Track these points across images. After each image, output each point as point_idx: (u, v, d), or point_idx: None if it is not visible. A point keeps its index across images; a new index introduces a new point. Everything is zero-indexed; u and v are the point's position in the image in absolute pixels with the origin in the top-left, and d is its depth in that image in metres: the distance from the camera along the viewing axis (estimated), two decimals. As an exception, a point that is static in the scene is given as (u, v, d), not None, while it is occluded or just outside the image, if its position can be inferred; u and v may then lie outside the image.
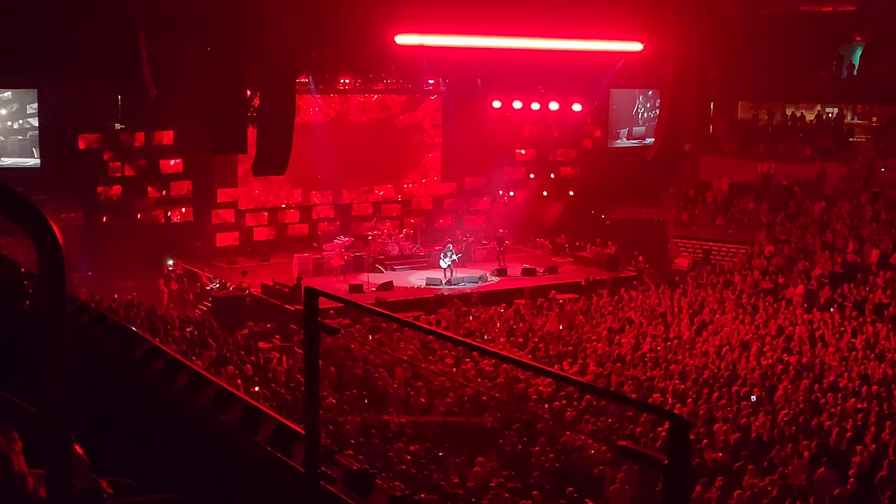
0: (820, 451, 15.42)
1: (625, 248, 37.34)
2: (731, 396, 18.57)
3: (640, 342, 23.47)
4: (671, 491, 2.63)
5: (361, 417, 17.06)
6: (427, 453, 15.16)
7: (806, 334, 24.17)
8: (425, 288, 31.66)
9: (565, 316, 27.01)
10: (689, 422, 2.71)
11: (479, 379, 19.53)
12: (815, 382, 19.46)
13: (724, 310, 27.13)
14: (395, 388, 19.19)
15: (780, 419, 16.93)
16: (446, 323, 26.28)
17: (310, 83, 36.76)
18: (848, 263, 29.94)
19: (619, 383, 19.30)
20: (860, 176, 34.36)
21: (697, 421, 16.73)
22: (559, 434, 15.90)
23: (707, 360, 21.56)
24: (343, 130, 38.69)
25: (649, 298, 29.28)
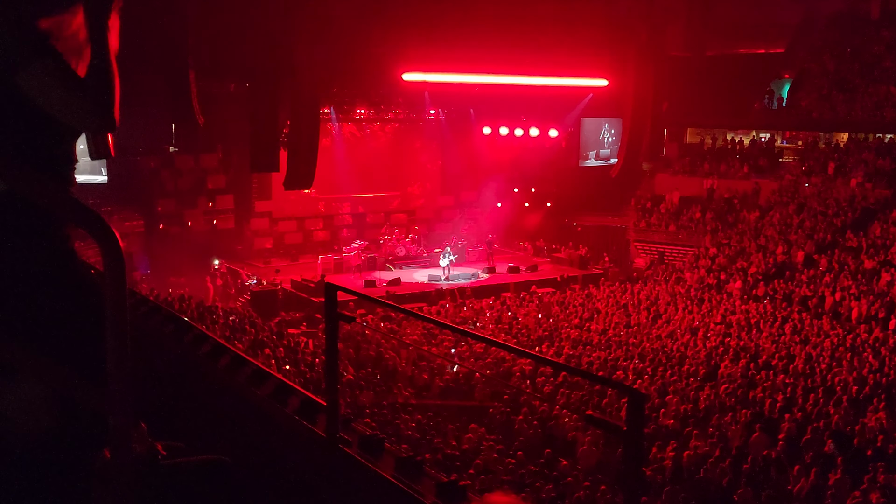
0: (755, 418, 15.44)
1: (593, 250, 37.37)
2: (681, 374, 18.58)
3: (606, 329, 23.47)
4: (629, 452, 2.65)
5: (374, 391, 17.05)
6: (429, 421, 15.15)
7: (743, 322, 24.18)
8: (428, 283, 31.65)
9: (544, 307, 27.01)
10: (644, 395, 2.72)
11: (472, 359, 19.53)
12: (751, 362, 19.47)
13: (675, 302, 27.13)
14: (403, 366, 19.19)
15: (722, 392, 16.93)
16: (445, 312, 26.29)
17: (332, 113, 36.87)
18: (778, 263, 29.94)
19: (588, 363, 19.30)
20: (788, 190, 34.37)
21: (653, 394, 16.74)
22: (538, 405, 15.90)
23: (661, 344, 21.56)
24: (359, 152, 38.73)
25: (614, 292, 29.27)
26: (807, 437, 14.31)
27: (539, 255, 37.57)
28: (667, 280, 30.86)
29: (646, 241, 36.62)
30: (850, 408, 15.94)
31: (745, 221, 33.79)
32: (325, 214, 37.72)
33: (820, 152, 36.18)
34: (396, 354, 20.03)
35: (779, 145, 39.46)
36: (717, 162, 38.12)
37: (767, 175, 36.21)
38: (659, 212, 36.97)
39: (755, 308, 26.16)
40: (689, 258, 33.00)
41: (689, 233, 35.35)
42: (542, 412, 15.62)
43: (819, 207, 32.39)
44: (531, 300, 28.32)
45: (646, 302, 27.21)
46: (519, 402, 16.24)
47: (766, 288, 28.11)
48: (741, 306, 26.44)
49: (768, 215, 33.34)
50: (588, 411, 14.63)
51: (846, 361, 19.41)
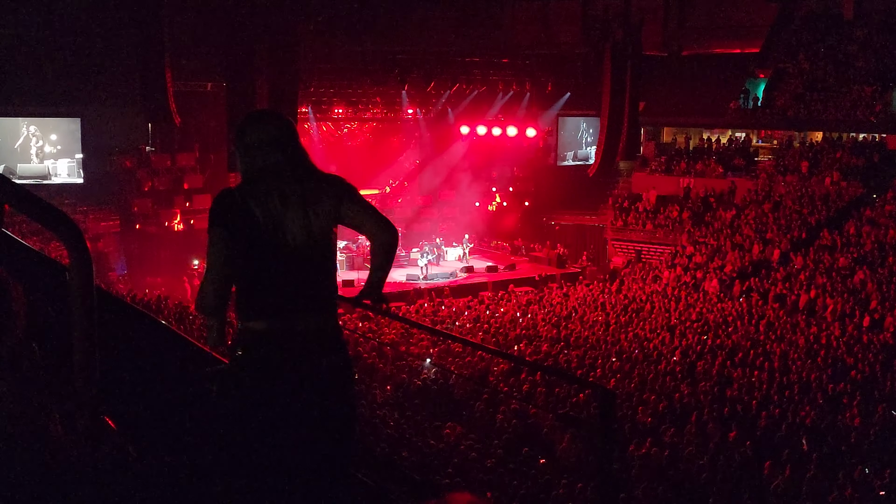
0: (731, 415, 15.52)
1: (571, 249, 37.50)
2: (658, 371, 18.64)
3: (583, 327, 23.53)
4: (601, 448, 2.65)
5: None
6: (407, 420, 15.13)
7: (720, 319, 24.31)
8: (406, 283, 31.64)
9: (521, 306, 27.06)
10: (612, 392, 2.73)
11: (449, 358, 19.52)
12: (727, 359, 19.57)
13: (652, 300, 27.23)
14: (382, 366, 19.15)
15: (699, 390, 17.01)
16: (424, 312, 26.27)
17: (309, 113, 36.79)
18: (754, 261, 30.12)
19: (566, 361, 19.33)
20: (764, 189, 34.58)
21: (630, 392, 16.79)
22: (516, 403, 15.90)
23: (639, 342, 21.64)
24: (337, 151, 38.69)
25: (592, 291, 29.36)
26: (782, 434, 14.41)
27: (517, 255, 37.63)
28: (644, 279, 30.98)
29: (623, 239, 36.74)
30: (825, 405, 16.07)
31: (721, 220, 33.97)
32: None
33: (795, 151, 36.43)
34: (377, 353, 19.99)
35: (754, 144, 39.70)
36: (693, 161, 38.31)
37: (743, 174, 36.41)
38: (636, 211, 37.11)
39: (731, 306, 26.30)
40: (666, 256, 33.14)
41: (666, 231, 35.49)
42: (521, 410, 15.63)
43: (794, 206, 32.62)
44: (509, 299, 28.35)
45: (623, 300, 27.30)
46: (498, 400, 16.24)
47: (741, 286, 28.27)
48: (718, 304, 26.57)
49: (744, 214, 33.53)
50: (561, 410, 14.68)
51: (820, 359, 19.55)
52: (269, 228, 3.33)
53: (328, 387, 3.46)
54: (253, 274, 3.37)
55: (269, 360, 3.37)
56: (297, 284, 3.40)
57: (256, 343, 3.38)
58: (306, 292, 3.43)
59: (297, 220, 3.37)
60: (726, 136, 39.91)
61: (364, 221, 3.59)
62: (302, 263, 3.39)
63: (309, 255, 3.41)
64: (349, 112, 38.66)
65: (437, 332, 14.89)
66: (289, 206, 3.37)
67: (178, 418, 4.27)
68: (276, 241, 3.35)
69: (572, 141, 42.70)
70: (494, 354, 18.36)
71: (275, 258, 3.36)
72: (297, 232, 3.37)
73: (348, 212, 3.54)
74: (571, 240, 38.61)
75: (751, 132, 39.66)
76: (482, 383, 17.54)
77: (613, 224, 37.27)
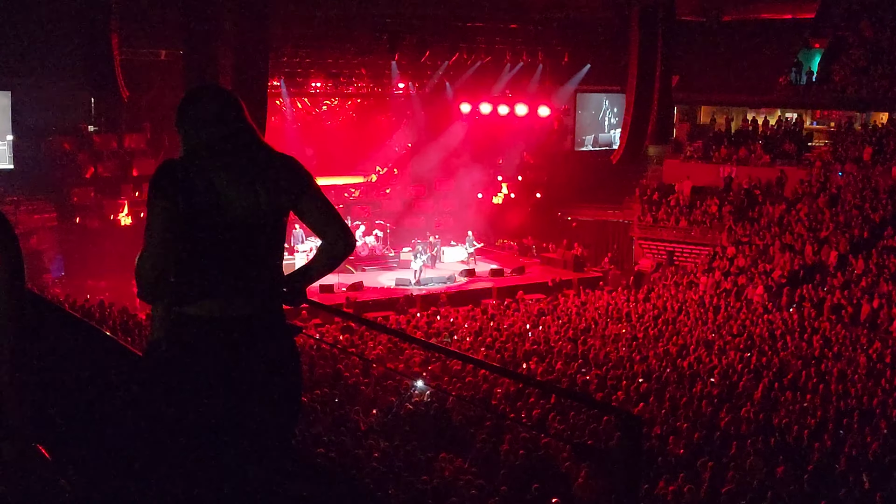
0: (779, 447, 15.51)
1: (590, 249, 37.51)
2: (692, 395, 18.64)
3: (604, 342, 23.52)
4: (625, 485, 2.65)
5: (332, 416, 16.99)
6: (396, 451, 15.12)
7: (766, 334, 24.31)
8: (395, 288, 31.66)
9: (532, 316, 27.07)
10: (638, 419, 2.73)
11: (445, 377, 19.51)
12: (774, 380, 19.57)
13: (686, 311, 27.23)
14: (365, 386, 19.13)
15: (741, 416, 17.01)
16: (416, 322, 26.26)
17: (282, 86, 36.77)
18: (807, 265, 30.15)
19: (584, 382, 19.32)
20: (818, 180, 34.61)
21: (659, 419, 16.79)
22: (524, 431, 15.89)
23: (670, 360, 21.63)
24: (314, 132, 38.72)
25: (614, 299, 29.36)
26: (840, 470, 14.41)
27: (527, 255, 37.66)
28: (677, 285, 30.98)
29: (652, 238, 36.75)
30: (891, 436, 16.07)
31: (768, 216, 33.98)
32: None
33: (856, 135, 36.47)
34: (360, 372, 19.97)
35: (807, 127, 39.75)
36: (735, 146, 38.34)
37: (794, 162, 36.45)
38: (668, 204, 37.12)
39: (780, 318, 26.30)
40: (702, 259, 33.14)
41: (703, 229, 35.51)
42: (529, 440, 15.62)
43: (854, 200, 32.64)
44: (517, 308, 28.35)
45: (652, 311, 27.29)
46: (503, 427, 16.23)
47: (792, 294, 28.28)
48: (764, 316, 26.57)
49: (795, 209, 33.55)
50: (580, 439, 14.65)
51: (885, 380, 19.56)
52: (212, 205, 3.58)
53: (267, 377, 3.68)
54: (190, 253, 3.62)
55: (200, 349, 3.58)
56: (236, 266, 3.65)
57: (187, 329, 3.63)
58: (246, 275, 3.67)
59: (243, 198, 3.61)
60: (774, 117, 39.94)
61: (324, 224, 3.83)
62: (244, 244, 3.65)
63: (253, 235, 3.67)
64: (329, 86, 38.64)
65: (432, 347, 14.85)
66: (235, 182, 3.62)
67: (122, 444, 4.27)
68: (217, 218, 3.59)
69: (592, 122, 42.75)
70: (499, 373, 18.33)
71: (215, 237, 3.61)
72: (241, 210, 3.61)
73: (308, 208, 3.80)
74: (591, 239, 38.63)
75: (803, 112, 39.70)
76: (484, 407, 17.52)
77: (641, 220, 37.28)
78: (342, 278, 31.68)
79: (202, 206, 3.58)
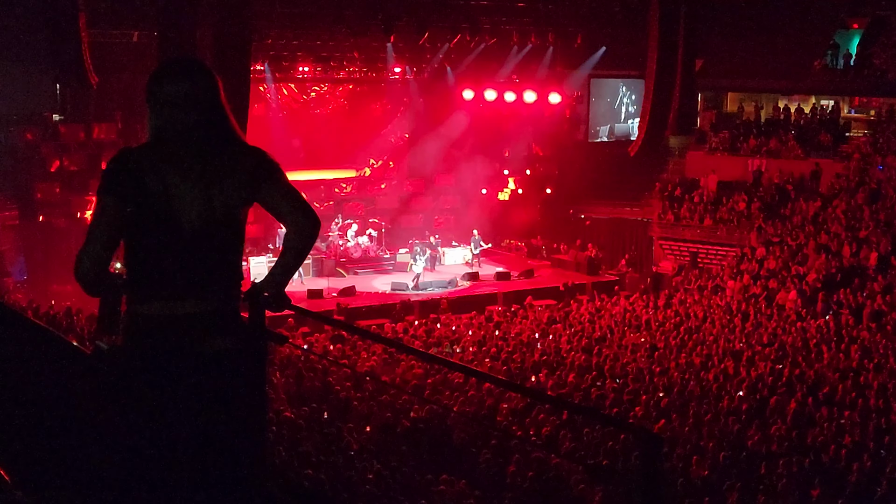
0: (813, 468, 15.51)
1: (606, 250, 37.53)
2: (718, 410, 18.63)
3: (621, 352, 23.52)
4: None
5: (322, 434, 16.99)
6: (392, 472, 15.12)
7: (800, 343, 24.29)
8: (391, 293, 31.66)
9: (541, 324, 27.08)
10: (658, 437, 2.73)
11: (446, 392, 19.51)
12: (808, 395, 19.56)
13: (711, 317, 27.22)
14: (358, 402, 19.13)
15: (772, 434, 17.00)
16: (414, 331, 26.27)
17: (266, 71, 36.78)
18: (844, 267, 30.12)
19: (598, 396, 19.31)
20: (857, 173, 34.59)
21: (681, 437, 16.79)
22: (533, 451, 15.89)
23: (694, 372, 21.62)
24: (301, 122, 38.72)
25: (632, 305, 29.36)
26: (880, 494, 14.40)
27: (536, 257, 37.68)
28: (701, 290, 30.98)
29: (674, 238, 36.75)
30: (936, 454, 16.06)
31: (801, 213, 33.98)
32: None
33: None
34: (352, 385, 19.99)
35: (845, 115, 39.73)
36: (765, 136, 38.33)
37: (831, 154, 36.44)
38: (691, 201, 37.12)
39: (814, 326, 26.29)
40: (729, 261, 33.13)
41: (729, 228, 35.50)
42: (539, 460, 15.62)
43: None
44: (525, 315, 28.35)
45: (674, 318, 27.30)
46: (509, 446, 16.24)
47: (828, 300, 28.27)
48: (797, 323, 26.56)
49: (832, 206, 33.55)
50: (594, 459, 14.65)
51: (931, 394, 19.55)
52: (162, 204, 3.75)
53: (221, 377, 3.84)
54: (142, 252, 3.84)
55: (154, 349, 3.76)
56: (188, 266, 3.84)
57: (141, 329, 3.78)
58: (199, 275, 3.86)
59: (195, 199, 3.79)
60: (809, 105, 39.94)
61: (286, 207, 4.00)
62: (196, 244, 3.83)
63: (206, 235, 3.84)
64: (318, 71, 38.65)
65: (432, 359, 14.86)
66: (188, 182, 3.78)
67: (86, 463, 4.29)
68: (168, 218, 3.77)
69: (608, 110, 42.74)
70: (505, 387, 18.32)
71: (165, 236, 3.80)
72: (193, 211, 3.79)
73: (268, 194, 3.97)
74: (606, 239, 38.64)
75: (840, 100, 39.68)
76: (489, 425, 17.53)
77: (661, 218, 37.28)
78: (332, 283, 31.71)
79: (153, 205, 3.72)
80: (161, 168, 3.74)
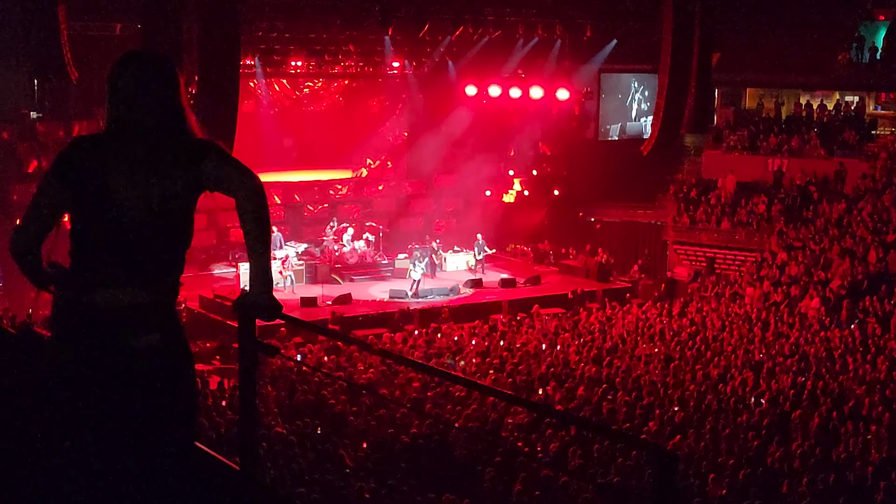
0: (839, 486, 15.49)
1: (617, 255, 37.51)
2: (736, 425, 18.61)
3: (633, 364, 23.50)
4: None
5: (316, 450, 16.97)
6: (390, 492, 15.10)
7: (823, 354, 24.26)
8: (389, 301, 31.64)
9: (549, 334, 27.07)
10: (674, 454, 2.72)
11: (448, 406, 19.50)
12: (833, 409, 19.53)
13: (730, 327, 27.19)
14: (354, 416, 19.12)
15: (794, 451, 16.99)
16: (413, 341, 26.26)
17: (256, 66, 36.76)
18: (870, 273, 30.10)
19: (609, 411, 19.30)
20: (884, 174, 34.58)
21: (698, 454, 16.77)
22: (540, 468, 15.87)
23: (711, 385, 21.60)
24: (294, 119, 38.73)
25: (646, 314, 29.33)
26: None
27: (543, 263, 37.65)
28: (718, 297, 30.96)
29: (690, 243, 36.74)
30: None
31: (825, 216, 33.96)
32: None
33: (928, 122, 36.50)
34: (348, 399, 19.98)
35: (871, 112, 39.73)
36: (787, 135, 38.32)
37: (856, 153, 36.42)
38: (708, 203, 37.11)
39: (839, 335, 26.26)
40: (748, 267, 33.11)
41: (749, 232, 35.50)
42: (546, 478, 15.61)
43: (926, 197, 32.66)
44: (532, 325, 28.34)
45: (689, 327, 27.27)
46: (515, 464, 16.23)
47: (853, 308, 28.24)
48: (820, 333, 26.53)
49: (857, 208, 33.54)
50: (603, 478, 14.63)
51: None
52: (101, 193, 3.92)
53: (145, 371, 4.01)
54: (79, 240, 4.04)
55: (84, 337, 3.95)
56: (125, 257, 4.00)
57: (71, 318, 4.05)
58: (130, 266, 4.02)
59: (132, 190, 3.94)
60: (832, 101, 39.94)
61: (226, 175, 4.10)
62: (134, 236, 3.98)
63: (145, 227, 3.98)
64: (311, 65, 38.62)
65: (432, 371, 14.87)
66: (130, 173, 3.95)
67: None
68: (107, 208, 3.94)
69: (619, 107, 42.76)
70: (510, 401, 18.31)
71: (103, 226, 3.97)
72: (130, 202, 3.93)
73: (208, 170, 4.06)
74: (618, 243, 38.63)
75: (866, 95, 39.69)
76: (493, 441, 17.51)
77: (676, 222, 37.27)
78: (327, 290, 31.69)
79: (92, 194, 3.91)
80: (106, 158, 3.95)
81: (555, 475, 15.34)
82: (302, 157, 38.35)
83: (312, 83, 40.16)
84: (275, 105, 38.98)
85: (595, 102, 42.18)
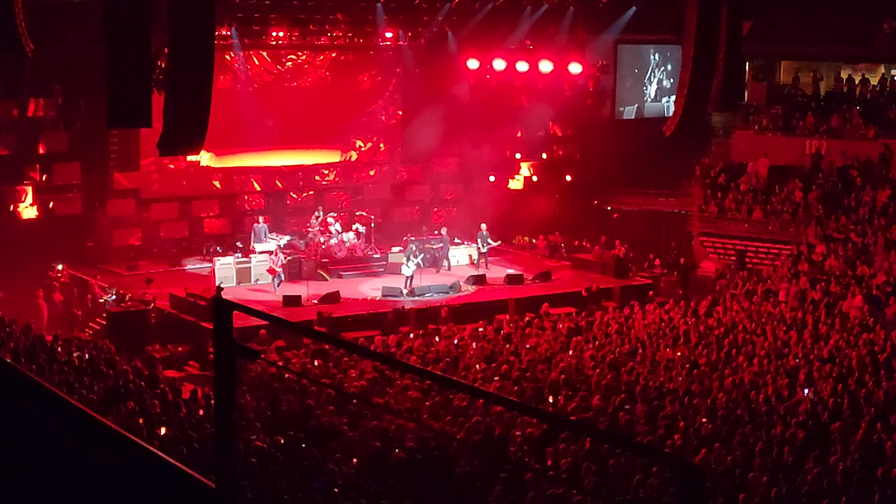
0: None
1: (637, 248, 37.51)
2: (770, 437, 18.64)
3: (655, 370, 23.53)
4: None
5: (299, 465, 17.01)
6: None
7: (866, 358, 24.28)
8: (381, 300, 31.66)
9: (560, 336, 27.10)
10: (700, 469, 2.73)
11: (448, 417, 19.53)
12: (877, 420, 19.55)
13: (762, 328, 27.21)
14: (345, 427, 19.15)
15: (833, 466, 17.02)
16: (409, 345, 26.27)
17: (233, 37, 36.73)
18: (919, 268, 30.16)
19: (627, 422, 19.32)
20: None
21: (728, 470, 16.80)
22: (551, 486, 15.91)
23: (741, 393, 21.62)
24: (275, 96, 38.70)
25: (668, 314, 29.36)
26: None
27: (554, 257, 37.69)
28: (749, 295, 30.97)
29: (718, 234, 36.79)
30: None
31: (868, 205, 33.99)
32: (224, 193, 37.66)
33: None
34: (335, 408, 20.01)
35: (920, 88, 39.77)
36: (825, 114, 38.34)
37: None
38: (737, 190, 37.14)
39: (884, 337, 26.29)
40: (783, 261, 33.15)
41: (783, 222, 35.53)
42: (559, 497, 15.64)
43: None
44: (542, 326, 28.36)
45: (717, 329, 27.30)
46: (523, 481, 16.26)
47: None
48: (863, 335, 26.55)
49: (904, 195, 33.59)
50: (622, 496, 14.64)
51: None
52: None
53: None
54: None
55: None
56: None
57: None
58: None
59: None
60: (877, 76, 39.97)
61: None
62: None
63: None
64: (294, 36, 38.58)
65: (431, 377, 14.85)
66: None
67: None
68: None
69: (638, 83, 42.76)
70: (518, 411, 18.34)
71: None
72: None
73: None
74: (637, 235, 38.67)
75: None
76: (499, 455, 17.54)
77: (702, 211, 37.31)
78: (313, 288, 31.70)
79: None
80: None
81: (567, 494, 15.37)
82: (284, 139, 38.33)
83: (296, 56, 40.08)
84: (254, 81, 38.91)
85: (611, 77, 42.12)
